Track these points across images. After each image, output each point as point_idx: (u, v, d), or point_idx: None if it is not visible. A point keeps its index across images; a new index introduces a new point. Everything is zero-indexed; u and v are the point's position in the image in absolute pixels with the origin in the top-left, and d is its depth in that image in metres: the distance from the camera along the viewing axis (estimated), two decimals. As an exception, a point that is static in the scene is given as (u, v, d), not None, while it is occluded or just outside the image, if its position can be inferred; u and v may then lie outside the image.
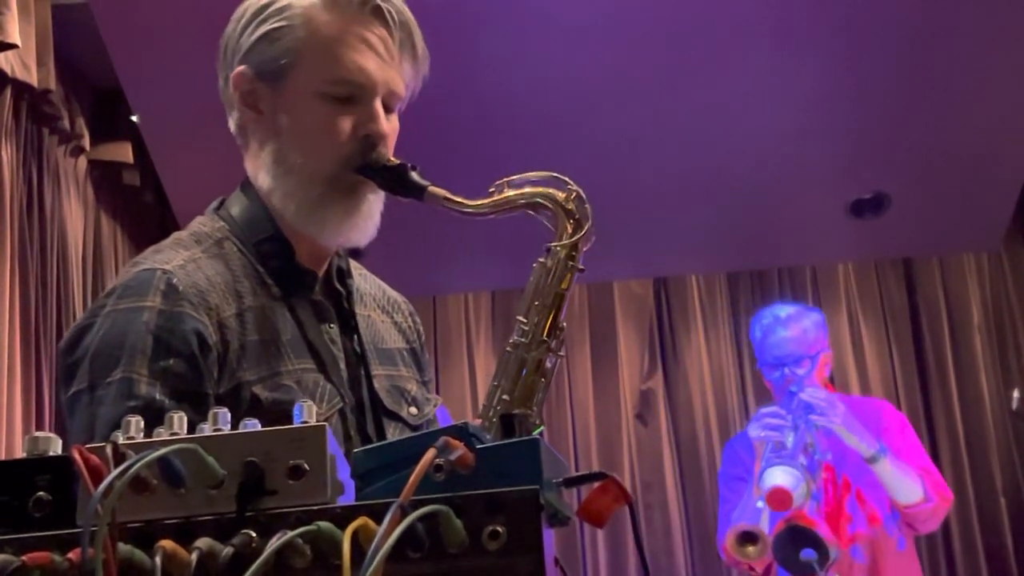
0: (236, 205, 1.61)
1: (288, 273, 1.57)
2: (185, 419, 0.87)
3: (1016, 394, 3.50)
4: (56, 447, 0.89)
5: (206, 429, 0.86)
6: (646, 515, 5.30)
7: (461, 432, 0.87)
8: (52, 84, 3.86)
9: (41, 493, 0.86)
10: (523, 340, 1.57)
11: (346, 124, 1.52)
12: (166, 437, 0.85)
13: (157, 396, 1.39)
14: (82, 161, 4.49)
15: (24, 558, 0.79)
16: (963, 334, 5.51)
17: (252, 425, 0.86)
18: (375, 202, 1.58)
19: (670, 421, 5.47)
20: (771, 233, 5.32)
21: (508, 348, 1.58)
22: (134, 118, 4.43)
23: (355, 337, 1.62)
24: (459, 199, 1.54)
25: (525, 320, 1.58)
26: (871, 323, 5.54)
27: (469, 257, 5.28)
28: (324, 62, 1.51)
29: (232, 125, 1.62)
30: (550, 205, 1.58)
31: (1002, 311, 5.55)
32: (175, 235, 1.60)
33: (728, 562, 3.54)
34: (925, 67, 4.34)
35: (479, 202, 1.56)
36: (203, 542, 0.80)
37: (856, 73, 4.36)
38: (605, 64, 4.22)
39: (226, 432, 0.85)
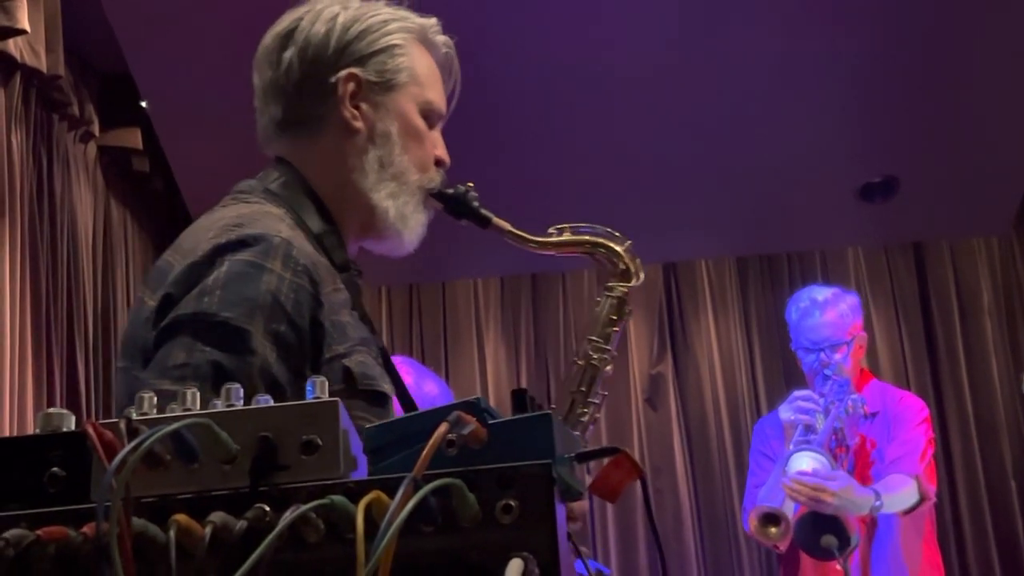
0: (288, 193, 1.59)
1: (342, 266, 1.57)
2: (198, 395, 0.87)
3: (1027, 377, 3.51)
4: (69, 423, 0.89)
5: (219, 404, 0.86)
6: (656, 499, 5.31)
7: (473, 407, 0.87)
8: (61, 70, 3.87)
9: (55, 469, 0.86)
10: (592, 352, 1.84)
11: (432, 145, 1.67)
12: (179, 413, 0.85)
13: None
14: (91, 147, 4.50)
15: (39, 532, 0.79)
16: (973, 317, 5.50)
17: (265, 401, 0.86)
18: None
19: (680, 405, 5.48)
20: (780, 218, 5.31)
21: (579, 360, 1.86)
22: (143, 104, 4.43)
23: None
24: (522, 233, 1.72)
25: (596, 338, 1.86)
26: (881, 307, 5.54)
27: (478, 243, 5.27)
28: (422, 87, 1.65)
29: (293, 113, 1.62)
30: (612, 256, 1.83)
31: (1012, 294, 5.55)
32: (256, 206, 1.54)
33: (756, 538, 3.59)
34: (934, 52, 4.32)
35: (543, 240, 1.76)
36: (217, 516, 0.80)
37: (866, 58, 4.34)
38: (613, 49, 4.21)
39: (239, 407, 0.85)
